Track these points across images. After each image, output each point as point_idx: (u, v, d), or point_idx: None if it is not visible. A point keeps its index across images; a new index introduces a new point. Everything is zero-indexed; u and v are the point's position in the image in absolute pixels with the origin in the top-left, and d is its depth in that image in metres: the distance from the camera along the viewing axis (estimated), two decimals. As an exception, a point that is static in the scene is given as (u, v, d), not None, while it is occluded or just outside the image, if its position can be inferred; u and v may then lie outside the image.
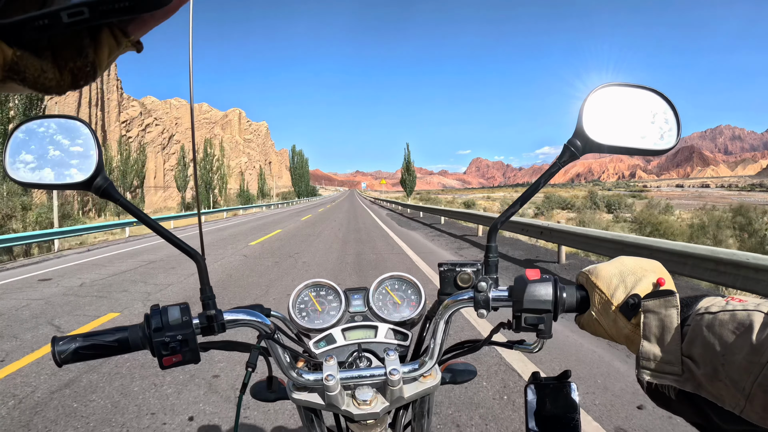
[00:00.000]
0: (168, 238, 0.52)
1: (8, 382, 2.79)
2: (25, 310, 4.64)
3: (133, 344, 0.51)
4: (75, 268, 7.58)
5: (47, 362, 3.08)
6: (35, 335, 3.73)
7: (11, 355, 3.26)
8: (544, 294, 0.49)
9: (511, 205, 0.53)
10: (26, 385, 2.73)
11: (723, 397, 0.36)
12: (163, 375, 2.78)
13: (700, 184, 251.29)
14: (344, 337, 0.65)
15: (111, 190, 0.48)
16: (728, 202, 28.14)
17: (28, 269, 7.82)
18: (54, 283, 6.18)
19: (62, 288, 5.75)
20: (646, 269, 0.47)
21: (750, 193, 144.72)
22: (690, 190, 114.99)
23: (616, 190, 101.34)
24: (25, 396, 2.57)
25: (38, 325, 4.02)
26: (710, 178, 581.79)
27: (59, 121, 0.49)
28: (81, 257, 9.15)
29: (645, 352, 0.41)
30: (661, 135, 0.50)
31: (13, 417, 2.32)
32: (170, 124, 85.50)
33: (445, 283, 0.60)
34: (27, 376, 2.87)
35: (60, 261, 8.79)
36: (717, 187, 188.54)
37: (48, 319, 4.24)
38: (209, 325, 0.53)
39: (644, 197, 48.05)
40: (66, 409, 2.39)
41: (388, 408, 0.58)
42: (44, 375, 2.87)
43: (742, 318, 0.35)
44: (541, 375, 0.56)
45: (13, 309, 4.69)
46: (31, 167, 0.47)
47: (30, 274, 7.21)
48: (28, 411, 2.38)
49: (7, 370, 2.98)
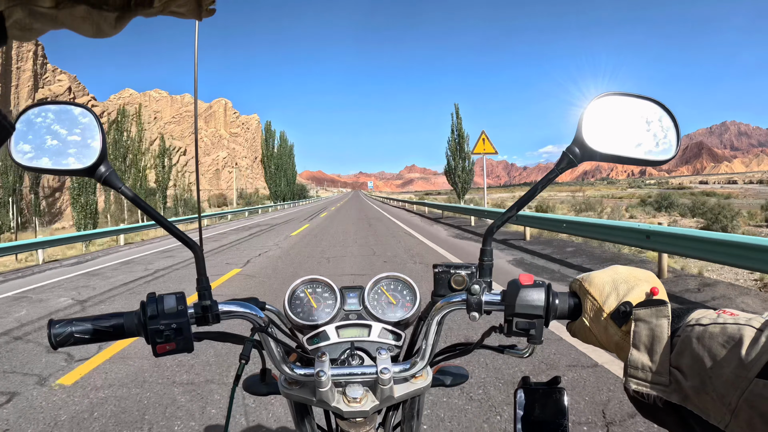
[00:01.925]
0: (168, 229, 0.54)
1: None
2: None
3: (128, 330, 0.52)
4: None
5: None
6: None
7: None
8: (537, 299, 0.49)
9: (508, 210, 0.54)
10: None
11: (709, 411, 0.36)
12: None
13: (726, 180, 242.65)
14: (338, 335, 0.65)
15: (113, 178, 0.50)
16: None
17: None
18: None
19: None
20: (639, 278, 0.47)
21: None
22: (733, 187, 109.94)
23: (648, 188, 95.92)
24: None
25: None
26: (726, 174, 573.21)
27: (64, 108, 0.51)
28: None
29: (633, 360, 0.42)
30: (661, 145, 0.51)
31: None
32: (149, 118, 79.53)
33: (439, 285, 0.61)
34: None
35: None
36: (746, 183, 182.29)
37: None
38: (204, 315, 0.54)
39: (721, 195, 41.54)
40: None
41: (378, 407, 0.58)
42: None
43: (733, 332, 0.36)
44: (531, 380, 0.56)
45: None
46: (39, 153, 0.49)
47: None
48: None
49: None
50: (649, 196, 33.57)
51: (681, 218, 19.24)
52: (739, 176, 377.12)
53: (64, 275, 7.48)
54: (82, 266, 8.56)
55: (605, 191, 44.11)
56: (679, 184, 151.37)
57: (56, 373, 3.05)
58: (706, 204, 19.83)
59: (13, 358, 3.39)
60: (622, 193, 61.71)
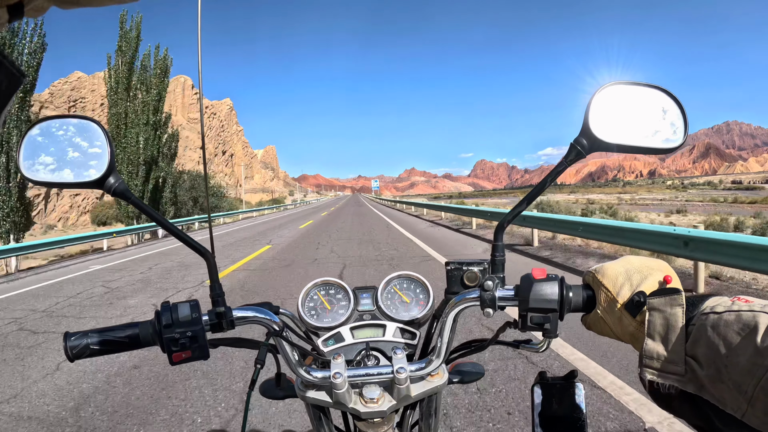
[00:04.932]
0: (180, 237, 0.55)
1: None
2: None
3: (143, 340, 0.53)
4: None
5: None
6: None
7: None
8: (550, 293, 0.50)
9: (518, 204, 0.55)
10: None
11: (725, 400, 0.36)
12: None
13: (764, 180, 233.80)
14: (352, 336, 0.66)
15: (123, 189, 0.51)
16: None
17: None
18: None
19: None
20: (652, 268, 0.48)
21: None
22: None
23: (671, 189, 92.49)
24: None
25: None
26: (742, 174, 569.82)
27: (69, 121, 0.52)
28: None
29: (649, 350, 0.42)
30: (668, 133, 0.52)
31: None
32: (95, 105, 68.20)
33: (452, 282, 0.62)
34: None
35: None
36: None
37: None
38: (218, 322, 0.56)
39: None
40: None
41: (395, 406, 0.59)
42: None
43: (748, 319, 0.36)
44: (547, 375, 0.57)
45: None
46: (48, 167, 0.50)
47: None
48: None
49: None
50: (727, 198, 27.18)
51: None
52: (756, 176, 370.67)
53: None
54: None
55: (652, 193, 36.29)
56: (708, 182, 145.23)
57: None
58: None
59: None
60: (682, 193, 52.74)
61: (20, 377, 3.22)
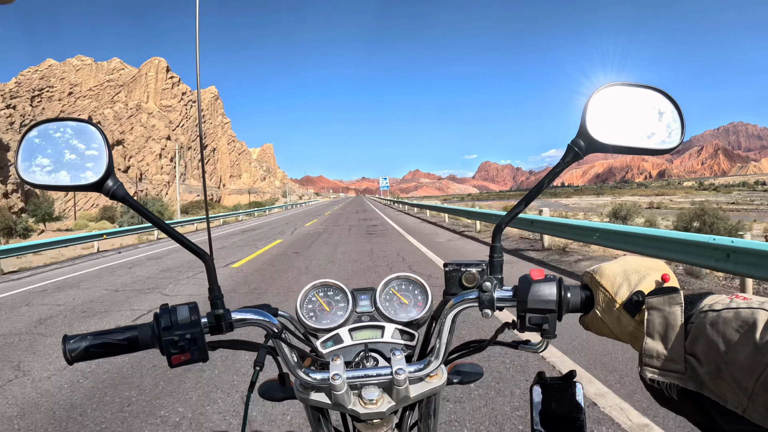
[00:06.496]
0: (179, 240, 0.55)
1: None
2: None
3: (142, 343, 0.54)
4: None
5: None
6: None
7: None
8: (549, 294, 0.50)
9: (516, 205, 0.56)
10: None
11: (725, 396, 0.37)
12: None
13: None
14: (351, 337, 0.67)
15: (121, 192, 0.52)
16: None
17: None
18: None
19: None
20: (650, 267, 0.48)
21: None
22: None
23: (692, 191, 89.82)
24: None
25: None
26: (756, 174, 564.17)
27: (67, 123, 0.53)
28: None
29: (648, 349, 0.43)
30: (665, 134, 0.52)
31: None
32: (63, 94, 63.99)
33: (450, 283, 0.62)
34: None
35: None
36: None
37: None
38: (217, 324, 0.56)
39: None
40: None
41: (394, 407, 0.59)
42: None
43: (746, 316, 0.36)
44: (546, 375, 0.57)
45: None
46: (45, 169, 0.51)
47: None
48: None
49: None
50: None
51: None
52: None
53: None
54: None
55: (686, 196, 32.66)
56: (726, 183, 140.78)
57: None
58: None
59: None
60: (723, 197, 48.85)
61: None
